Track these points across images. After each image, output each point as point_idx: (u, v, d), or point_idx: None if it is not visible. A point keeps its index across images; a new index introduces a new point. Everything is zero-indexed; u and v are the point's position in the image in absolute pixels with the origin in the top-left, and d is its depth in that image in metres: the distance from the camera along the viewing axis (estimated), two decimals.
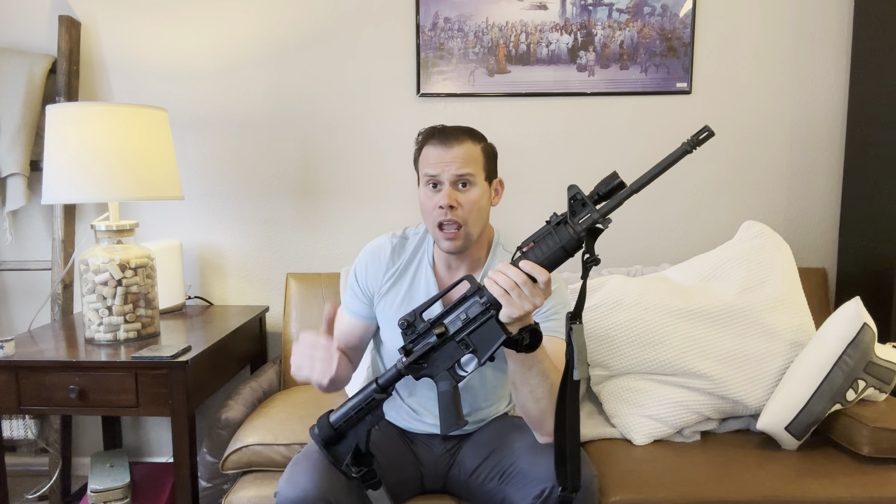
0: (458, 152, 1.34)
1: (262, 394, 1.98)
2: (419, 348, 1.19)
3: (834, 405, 1.66)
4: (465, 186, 1.35)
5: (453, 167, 1.34)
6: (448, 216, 1.33)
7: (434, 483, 1.51)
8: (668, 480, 1.55)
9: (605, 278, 1.93)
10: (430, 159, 1.36)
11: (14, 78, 2.12)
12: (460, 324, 1.17)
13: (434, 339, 1.18)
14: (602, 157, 2.25)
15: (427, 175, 1.36)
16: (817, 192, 2.26)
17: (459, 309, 1.18)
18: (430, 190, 1.37)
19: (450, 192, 1.34)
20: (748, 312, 1.80)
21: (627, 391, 1.82)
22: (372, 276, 1.48)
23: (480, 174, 1.38)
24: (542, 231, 1.12)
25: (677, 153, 1.05)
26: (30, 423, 2.23)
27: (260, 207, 2.32)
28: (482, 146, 1.40)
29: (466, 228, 1.35)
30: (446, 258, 1.45)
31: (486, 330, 1.15)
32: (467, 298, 1.18)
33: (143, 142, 1.80)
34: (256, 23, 2.24)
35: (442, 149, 1.35)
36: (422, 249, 1.48)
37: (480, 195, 1.37)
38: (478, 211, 1.36)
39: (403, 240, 1.50)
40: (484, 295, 1.15)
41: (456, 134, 1.37)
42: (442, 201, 1.33)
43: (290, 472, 1.29)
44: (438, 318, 1.19)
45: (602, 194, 1.08)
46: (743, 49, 2.20)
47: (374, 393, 1.22)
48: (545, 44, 2.20)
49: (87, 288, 1.78)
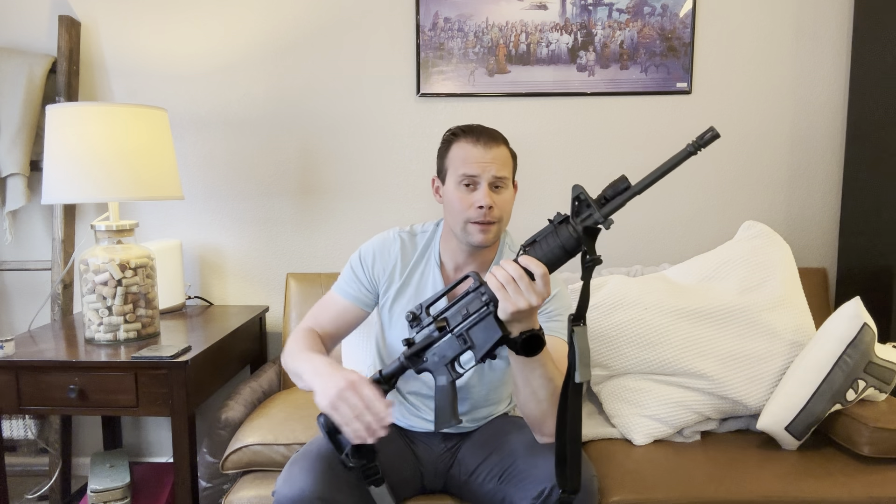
0: (496, 154, 1.37)
1: (262, 394, 1.98)
2: (420, 340, 1.21)
3: (834, 405, 1.66)
4: (498, 188, 1.38)
5: (493, 169, 1.35)
6: (486, 217, 1.35)
7: (434, 483, 1.51)
8: (668, 480, 1.55)
9: (605, 278, 1.93)
10: (468, 158, 1.36)
11: (14, 78, 2.13)
12: (461, 318, 1.18)
13: (435, 332, 1.20)
14: (602, 157, 2.25)
15: (465, 174, 1.36)
16: (817, 192, 2.26)
17: (461, 303, 1.19)
18: (463, 188, 1.37)
19: (488, 192, 1.35)
20: (748, 312, 1.80)
21: (627, 391, 1.82)
22: (380, 267, 1.48)
23: (511, 178, 1.42)
24: (544, 230, 1.12)
25: (682, 154, 1.02)
26: (30, 423, 2.23)
27: (260, 207, 2.32)
28: (511, 150, 1.43)
29: (500, 225, 1.39)
30: (458, 256, 1.46)
31: (484, 326, 1.16)
32: (470, 293, 1.19)
33: (142, 142, 1.80)
34: (256, 23, 2.24)
35: (482, 149, 1.36)
36: (430, 248, 1.49)
37: (511, 197, 1.41)
38: (508, 211, 1.41)
39: (412, 236, 1.51)
40: (485, 291, 1.16)
41: (494, 136, 1.39)
42: (482, 201, 1.34)
43: (287, 472, 1.29)
44: (441, 313, 1.21)
45: (609, 198, 1.07)
46: (743, 49, 2.20)
47: (380, 383, 1.23)
48: (545, 44, 2.20)
49: (87, 288, 1.78)
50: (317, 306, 1.50)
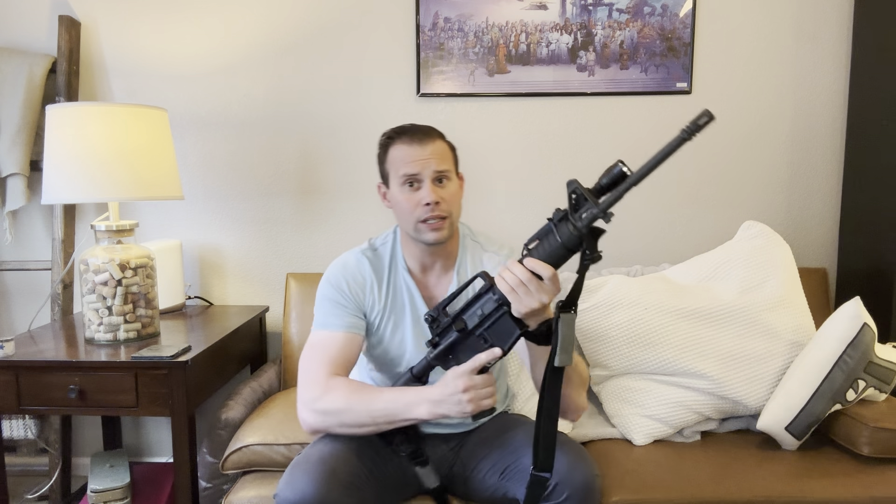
0: (433, 149, 1.37)
1: (262, 394, 1.98)
2: (444, 342, 1.25)
3: (834, 405, 1.66)
4: (442, 182, 1.38)
5: (433, 164, 1.36)
6: (434, 212, 1.35)
7: (435, 482, 1.51)
8: (668, 480, 1.55)
9: (604, 278, 1.93)
10: (406, 158, 1.37)
11: (14, 78, 2.13)
12: (477, 319, 1.21)
13: (456, 334, 1.24)
14: (602, 157, 2.24)
15: (406, 174, 1.36)
16: (817, 192, 2.26)
17: (476, 305, 1.22)
18: (408, 189, 1.37)
19: (432, 187, 1.36)
20: (748, 312, 1.80)
21: (627, 391, 1.82)
22: (357, 289, 1.44)
23: (454, 170, 1.43)
24: (544, 228, 1.13)
25: (676, 141, 1.01)
26: (30, 423, 2.23)
27: (260, 207, 2.31)
28: (447, 143, 1.44)
29: (451, 219, 1.39)
30: (421, 258, 1.46)
31: (501, 325, 1.19)
32: (481, 295, 1.21)
33: (142, 142, 1.80)
34: (256, 23, 2.24)
35: (419, 147, 1.37)
36: (395, 257, 1.49)
37: (457, 189, 1.42)
38: (457, 203, 1.41)
39: (375, 251, 1.49)
40: (497, 291, 1.18)
41: (428, 132, 1.40)
42: (429, 197, 1.35)
43: (289, 475, 1.29)
44: (458, 314, 1.24)
45: (604, 185, 1.07)
46: (743, 49, 2.20)
47: (412, 382, 1.30)
48: (545, 44, 2.20)
49: (87, 288, 1.78)
50: (315, 353, 1.38)
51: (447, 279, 1.47)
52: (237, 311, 2.21)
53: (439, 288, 1.47)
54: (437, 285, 1.47)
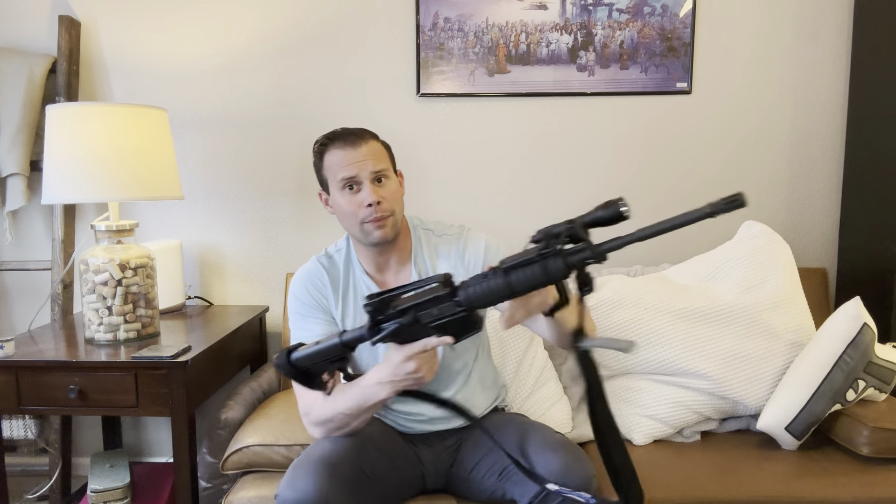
0: (367, 150, 1.38)
1: (262, 394, 1.98)
2: (388, 327, 1.13)
3: (834, 405, 1.66)
4: (381, 182, 1.39)
5: (369, 165, 1.37)
6: (377, 213, 1.36)
7: (436, 482, 1.51)
8: (668, 480, 1.55)
9: (604, 278, 1.93)
10: (342, 162, 1.37)
11: (14, 78, 2.13)
12: (433, 318, 1.10)
13: (402, 321, 1.11)
14: (602, 157, 2.25)
15: (344, 178, 1.37)
16: (817, 192, 2.26)
17: (433, 307, 1.10)
18: (348, 192, 1.38)
19: (372, 188, 1.36)
20: (748, 312, 1.80)
21: (627, 391, 1.82)
22: (318, 295, 1.47)
23: (391, 167, 1.44)
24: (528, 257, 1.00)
25: (698, 213, 0.86)
26: (30, 423, 2.23)
27: (260, 207, 2.31)
28: (382, 142, 1.45)
29: (394, 217, 1.40)
30: (374, 259, 1.47)
31: (460, 322, 1.09)
32: (439, 300, 1.09)
33: (142, 142, 1.80)
34: (256, 23, 2.24)
35: (351, 150, 1.37)
36: (350, 261, 1.50)
37: (397, 187, 1.43)
38: (399, 200, 1.42)
39: (330, 258, 1.51)
40: (458, 295, 1.06)
41: (359, 134, 1.40)
42: (369, 198, 1.36)
43: (290, 475, 1.29)
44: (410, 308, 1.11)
45: (598, 219, 0.97)
46: (743, 49, 2.20)
47: (341, 348, 1.17)
48: (545, 44, 2.20)
49: (87, 288, 1.78)
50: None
51: (405, 273, 1.48)
52: (237, 311, 2.21)
53: (397, 283, 1.48)
54: (395, 281, 1.48)
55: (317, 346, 1.20)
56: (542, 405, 1.84)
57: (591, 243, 0.96)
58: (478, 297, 1.04)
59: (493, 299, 1.03)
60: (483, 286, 1.03)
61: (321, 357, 1.19)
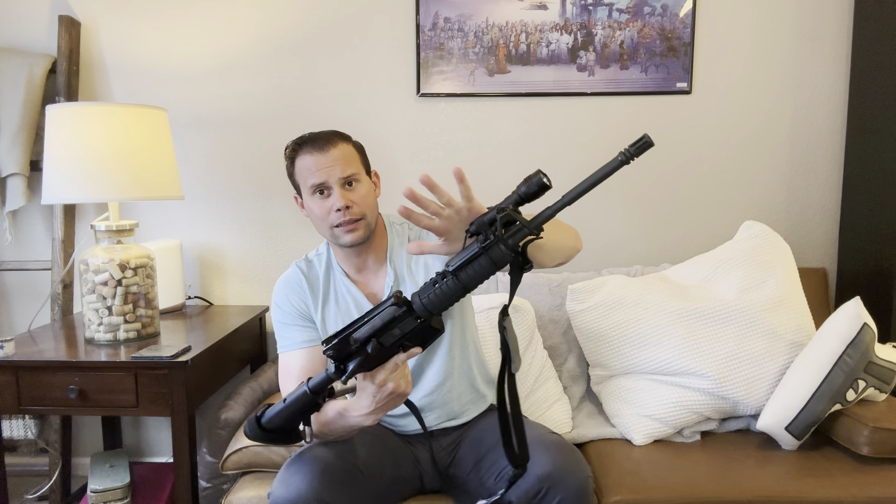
0: (336, 154, 1.37)
1: (262, 394, 1.98)
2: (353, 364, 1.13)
3: (834, 405, 1.65)
4: (351, 185, 1.38)
5: (338, 170, 1.36)
6: (346, 217, 1.36)
7: (433, 482, 1.51)
8: (668, 480, 1.55)
9: (604, 278, 1.93)
10: (311, 168, 1.37)
11: (14, 78, 2.13)
12: (395, 338, 1.11)
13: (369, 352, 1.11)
14: (602, 157, 2.24)
15: (314, 184, 1.37)
16: (817, 192, 2.26)
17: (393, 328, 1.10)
18: (318, 198, 1.38)
19: (341, 193, 1.36)
20: (748, 312, 1.80)
21: (627, 391, 1.82)
22: (299, 301, 1.46)
23: (362, 170, 1.42)
24: (470, 252, 1.04)
25: (614, 163, 0.92)
26: (30, 423, 2.23)
27: (260, 207, 2.32)
28: (353, 144, 1.43)
29: (366, 220, 1.39)
30: (352, 260, 1.47)
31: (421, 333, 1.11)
32: (398, 319, 1.09)
33: (142, 142, 1.80)
34: (256, 23, 2.24)
35: (319, 155, 1.37)
36: (331, 265, 1.50)
37: (369, 190, 1.41)
38: (371, 204, 1.41)
39: (310, 263, 1.51)
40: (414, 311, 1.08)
41: (328, 137, 1.39)
42: (338, 203, 1.35)
43: (283, 474, 1.29)
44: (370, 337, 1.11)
45: (523, 195, 1.01)
46: (743, 49, 2.20)
47: (310, 396, 1.19)
48: (545, 44, 2.20)
49: (87, 288, 1.78)
50: (283, 378, 1.45)
51: (383, 272, 1.48)
52: (237, 311, 2.21)
53: (377, 283, 1.48)
54: (374, 281, 1.48)
55: (284, 403, 1.21)
56: (542, 405, 1.84)
57: (525, 221, 1.01)
58: (434, 304, 1.06)
59: (450, 302, 1.06)
60: (437, 293, 1.05)
61: (292, 410, 1.20)
